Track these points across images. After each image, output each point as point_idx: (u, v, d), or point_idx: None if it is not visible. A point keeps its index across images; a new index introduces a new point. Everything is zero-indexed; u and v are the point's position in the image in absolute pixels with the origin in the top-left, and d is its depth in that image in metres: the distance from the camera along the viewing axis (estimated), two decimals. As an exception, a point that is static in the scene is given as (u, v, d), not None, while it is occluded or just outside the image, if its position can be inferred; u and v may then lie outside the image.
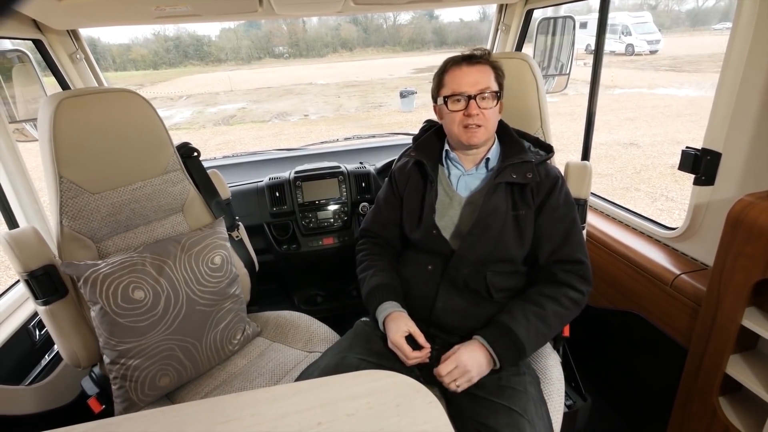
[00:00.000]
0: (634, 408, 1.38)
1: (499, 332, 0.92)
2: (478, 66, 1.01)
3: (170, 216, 1.20)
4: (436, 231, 1.02)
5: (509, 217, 0.99)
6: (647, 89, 10.43)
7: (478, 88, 0.98)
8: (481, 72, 1.00)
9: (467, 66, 1.01)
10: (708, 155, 1.06)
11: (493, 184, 1.00)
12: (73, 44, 1.58)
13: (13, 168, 1.30)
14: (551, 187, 1.01)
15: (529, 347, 0.92)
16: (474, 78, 0.99)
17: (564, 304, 0.96)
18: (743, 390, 0.98)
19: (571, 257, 0.99)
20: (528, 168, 1.01)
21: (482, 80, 0.99)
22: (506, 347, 0.91)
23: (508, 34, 1.85)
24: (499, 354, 0.90)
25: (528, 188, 1.01)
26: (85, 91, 1.02)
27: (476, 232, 0.99)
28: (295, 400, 0.64)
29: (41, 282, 0.96)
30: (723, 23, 23.75)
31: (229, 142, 8.41)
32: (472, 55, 1.02)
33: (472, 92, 0.98)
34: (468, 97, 0.98)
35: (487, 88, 0.99)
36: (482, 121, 0.99)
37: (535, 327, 0.93)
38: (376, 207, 1.21)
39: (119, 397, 1.00)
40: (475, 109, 0.98)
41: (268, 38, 33.16)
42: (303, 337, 1.22)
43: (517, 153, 1.04)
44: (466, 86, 0.99)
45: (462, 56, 1.03)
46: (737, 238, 0.87)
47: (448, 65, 1.04)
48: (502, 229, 0.98)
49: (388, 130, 5.59)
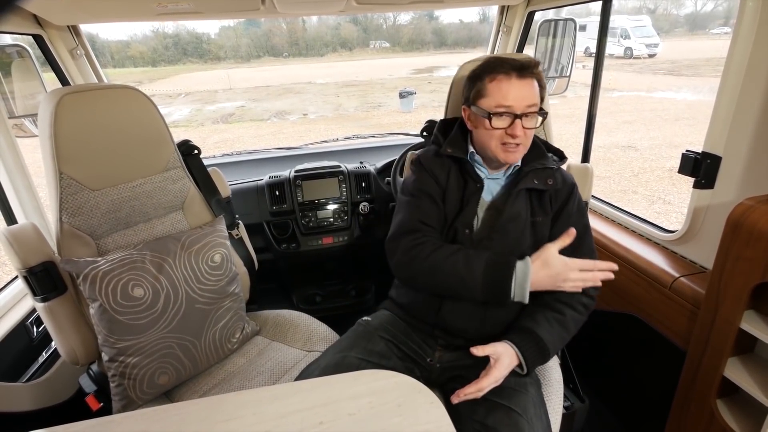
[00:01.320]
0: (632, 410, 1.39)
1: (526, 336, 0.91)
2: (528, 80, 0.91)
3: (170, 214, 1.19)
4: (468, 231, 0.98)
5: (528, 223, 0.98)
6: (645, 92, 10.48)
7: (526, 105, 0.90)
8: (532, 87, 0.92)
9: (518, 78, 0.91)
10: (708, 159, 1.07)
11: (516, 190, 0.98)
12: (74, 40, 1.58)
13: (12, 164, 1.29)
14: (568, 194, 1.00)
15: (552, 351, 0.91)
16: (523, 93, 0.90)
17: (578, 309, 0.96)
18: (741, 393, 0.99)
19: None
20: (549, 174, 0.99)
21: (530, 96, 0.91)
22: (533, 351, 0.89)
23: (510, 36, 1.86)
24: (527, 359, 0.89)
25: (546, 195, 0.99)
26: (87, 87, 1.02)
27: (496, 236, 0.97)
28: (297, 399, 0.64)
29: (40, 278, 0.96)
30: (721, 28, 23.89)
31: (228, 141, 8.40)
32: (524, 65, 0.91)
33: (521, 111, 0.90)
34: (515, 115, 0.90)
35: (535, 105, 0.91)
36: (523, 140, 0.92)
37: (557, 332, 0.92)
38: (413, 201, 1.02)
39: (117, 395, 1.00)
40: (519, 129, 0.90)
41: (268, 37, 33.12)
42: (302, 336, 1.22)
43: (538, 158, 1.01)
44: (514, 101, 0.90)
45: (514, 64, 0.91)
46: (737, 241, 0.88)
47: (496, 71, 0.92)
48: (520, 235, 0.97)
49: (387, 130, 5.60)
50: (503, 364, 0.87)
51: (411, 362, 1.02)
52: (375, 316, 1.11)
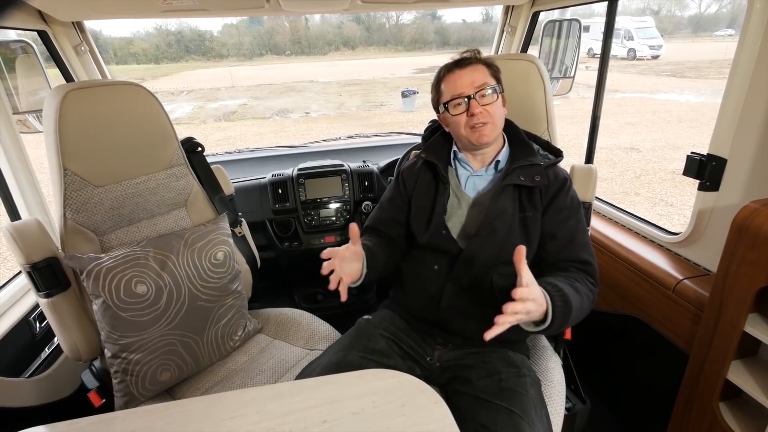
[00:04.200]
0: (633, 412, 1.39)
1: (552, 288, 0.84)
2: (470, 67, 1.01)
3: (173, 211, 1.19)
4: (445, 231, 1.02)
5: (516, 219, 0.99)
6: (648, 94, 10.45)
7: (475, 86, 0.98)
8: (475, 71, 1.00)
9: (459, 69, 1.01)
10: (713, 161, 1.07)
11: (501, 186, 1.00)
12: (78, 36, 1.58)
13: (16, 160, 1.29)
14: (559, 188, 1.01)
15: (575, 312, 0.84)
16: (469, 79, 0.99)
17: (589, 287, 0.93)
18: (744, 396, 0.99)
19: (578, 257, 0.98)
20: (536, 171, 1.00)
21: (478, 78, 0.99)
22: (560, 306, 0.82)
23: (514, 36, 1.85)
24: (555, 308, 0.81)
25: (536, 190, 1.00)
26: (92, 84, 1.02)
27: (483, 233, 0.98)
28: (301, 397, 0.64)
29: (44, 274, 0.96)
30: (725, 30, 23.81)
31: (230, 138, 8.40)
32: (462, 58, 1.03)
33: (470, 92, 0.98)
34: (467, 98, 0.98)
35: (484, 84, 0.98)
36: (487, 117, 0.98)
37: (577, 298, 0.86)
38: (380, 206, 1.19)
39: (120, 391, 1.00)
40: (477, 107, 0.97)
41: (271, 35, 33.11)
42: (304, 334, 1.22)
43: (526, 155, 1.03)
44: (462, 88, 0.99)
45: (453, 62, 1.03)
46: (742, 244, 0.87)
47: (442, 73, 1.04)
48: (509, 231, 0.98)
49: (389, 129, 5.60)
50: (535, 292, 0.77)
51: (412, 361, 1.02)
52: (376, 315, 1.11)
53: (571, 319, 0.85)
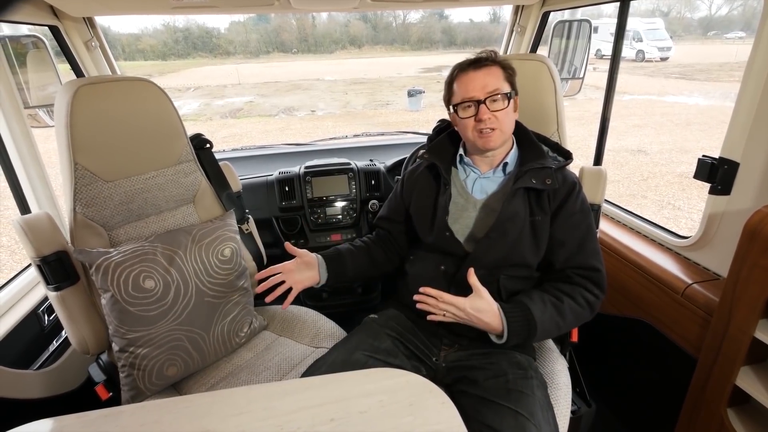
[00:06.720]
0: (639, 416, 1.38)
1: (516, 307, 0.93)
2: (485, 69, 0.99)
3: (181, 207, 1.20)
4: (449, 233, 1.02)
5: (527, 222, 0.99)
6: (657, 96, 10.36)
7: (487, 92, 0.97)
8: (490, 74, 0.98)
9: (474, 71, 0.99)
10: (725, 164, 1.05)
11: (513, 189, 0.99)
12: (89, 32, 1.59)
13: (27, 154, 1.30)
14: (568, 192, 1.00)
15: (540, 330, 0.91)
16: (481, 82, 0.97)
17: (579, 302, 0.96)
18: (752, 402, 0.98)
19: (586, 264, 0.98)
20: (547, 174, 0.99)
21: (491, 83, 0.97)
22: (519, 322, 0.91)
23: (524, 36, 1.84)
24: (510, 325, 0.90)
25: (545, 194, 1.00)
26: (103, 79, 1.02)
27: (493, 236, 0.98)
28: (308, 395, 0.64)
29: (53, 268, 0.97)
30: (736, 33, 23.55)
31: (236, 135, 8.42)
32: (477, 59, 1.00)
33: (481, 97, 0.97)
34: (477, 102, 0.97)
35: (496, 90, 0.97)
36: (495, 124, 0.97)
37: (550, 314, 0.93)
38: (386, 204, 1.25)
39: (126, 385, 1.01)
40: (485, 113, 0.96)
41: (277, 33, 33.16)
42: (310, 332, 1.22)
43: (536, 158, 1.03)
44: (473, 91, 0.97)
45: (468, 61, 1.01)
46: (753, 249, 0.86)
47: (455, 72, 1.03)
48: (519, 234, 0.98)
49: (394, 128, 5.59)
50: (478, 308, 0.90)
51: (417, 361, 1.02)
52: (382, 314, 1.11)
53: (540, 335, 0.93)
